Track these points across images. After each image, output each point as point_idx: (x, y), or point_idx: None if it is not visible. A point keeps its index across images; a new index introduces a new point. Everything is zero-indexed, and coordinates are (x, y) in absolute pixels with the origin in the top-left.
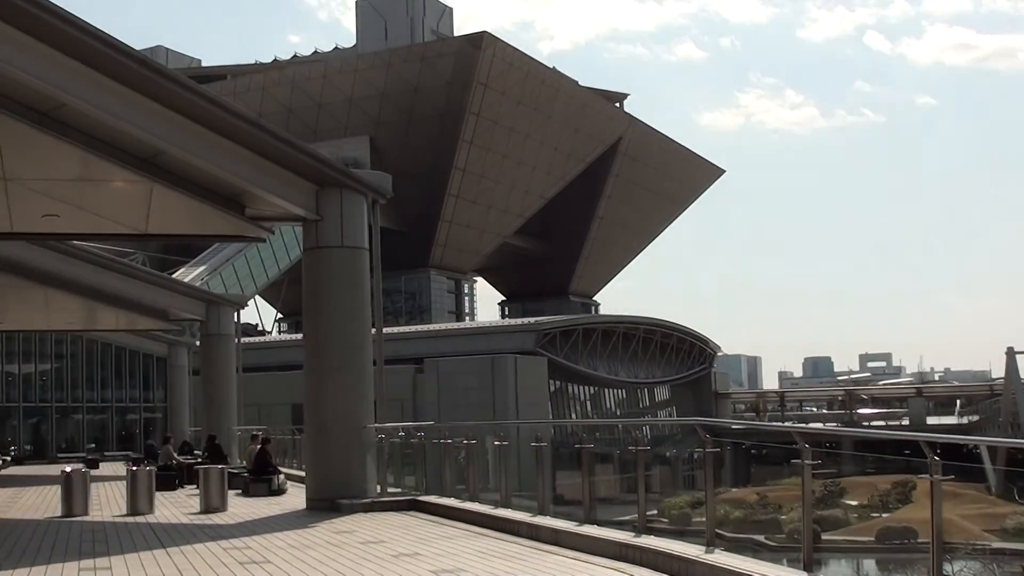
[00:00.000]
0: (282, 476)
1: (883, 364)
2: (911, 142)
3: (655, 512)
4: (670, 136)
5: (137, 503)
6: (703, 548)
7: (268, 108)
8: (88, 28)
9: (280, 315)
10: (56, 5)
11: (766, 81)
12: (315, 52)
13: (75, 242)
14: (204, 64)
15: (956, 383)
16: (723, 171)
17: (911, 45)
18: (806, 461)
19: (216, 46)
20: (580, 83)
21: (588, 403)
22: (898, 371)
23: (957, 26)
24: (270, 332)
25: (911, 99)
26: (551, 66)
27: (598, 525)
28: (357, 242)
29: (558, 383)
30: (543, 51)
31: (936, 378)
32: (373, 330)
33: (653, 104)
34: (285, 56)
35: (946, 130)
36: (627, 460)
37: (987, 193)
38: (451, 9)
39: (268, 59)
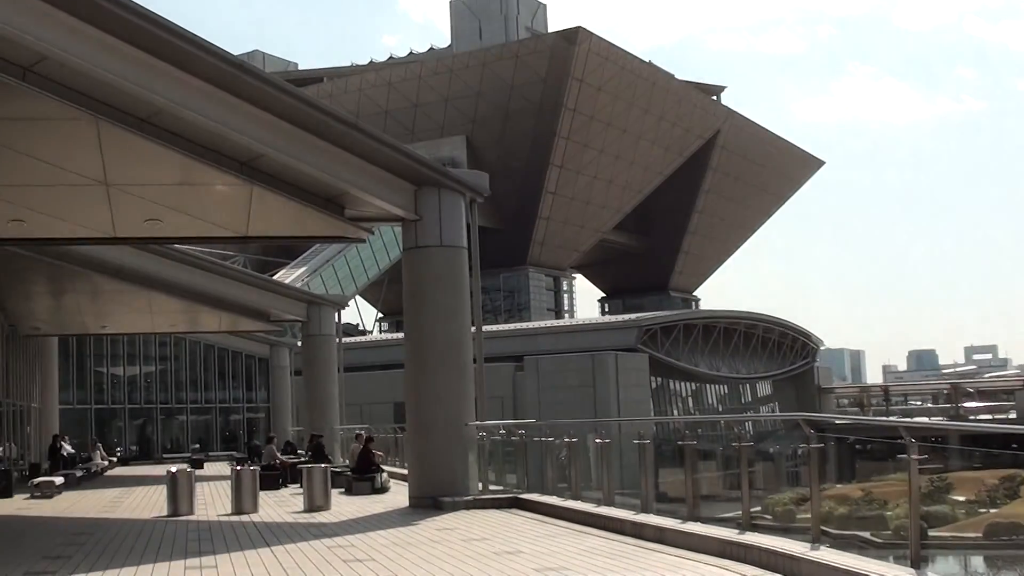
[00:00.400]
0: (385, 474)
1: (989, 356)
2: (1014, 128)
3: (758, 509)
4: (768, 128)
5: (241, 502)
6: (808, 545)
7: (365, 110)
8: (186, 34)
9: (380, 315)
10: (155, 13)
11: (864, 70)
12: (410, 53)
13: (177, 246)
14: (300, 67)
15: None
16: (823, 162)
17: (1013, 29)
18: (913, 456)
19: (312, 49)
20: (676, 76)
21: (690, 399)
22: (1004, 363)
23: None
24: (371, 332)
25: (1013, 84)
26: (647, 60)
27: (701, 522)
28: (456, 241)
29: (659, 380)
30: (639, 45)
31: None
32: (473, 328)
33: (750, 96)
34: (381, 58)
35: None
36: (730, 457)
37: None
38: (545, 6)
39: (364, 61)
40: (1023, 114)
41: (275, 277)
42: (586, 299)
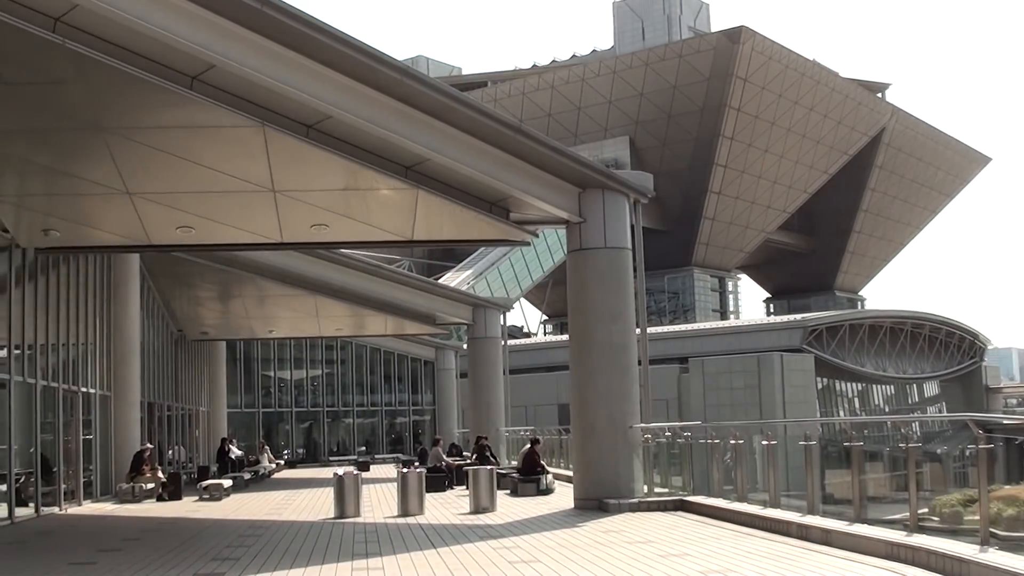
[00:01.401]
0: (550, 476)
1: None
2: None
3: (925, 511)
4: (934, 125)
5: (408, 504)
6: (977, 547)
7: (528, 113)
8: (352, 41)
9: (545, 317)
10: (318, 19)
11: None
12: (573, 56)
13: (343, 250)
14: (464, 72)
15: None
16: (989, 159)
17: None
18: None
19: (476, 54)
20: (840, 74)
21: (856, 400)
22: None
23: None
24: (535, 334)
25: None
26: (811, 58)
27: (868, 524)
28: (620, 242)
29: (825, 380)
30: (803, 43)
31: None
32: (637, 330)
33: (916, 92)
34: (544, 61)
35: None
36: (896, 458)
37: None
38: (708, 5)
39: (527, 65)
40: None
41: (440, 280)
42: (751, 299)
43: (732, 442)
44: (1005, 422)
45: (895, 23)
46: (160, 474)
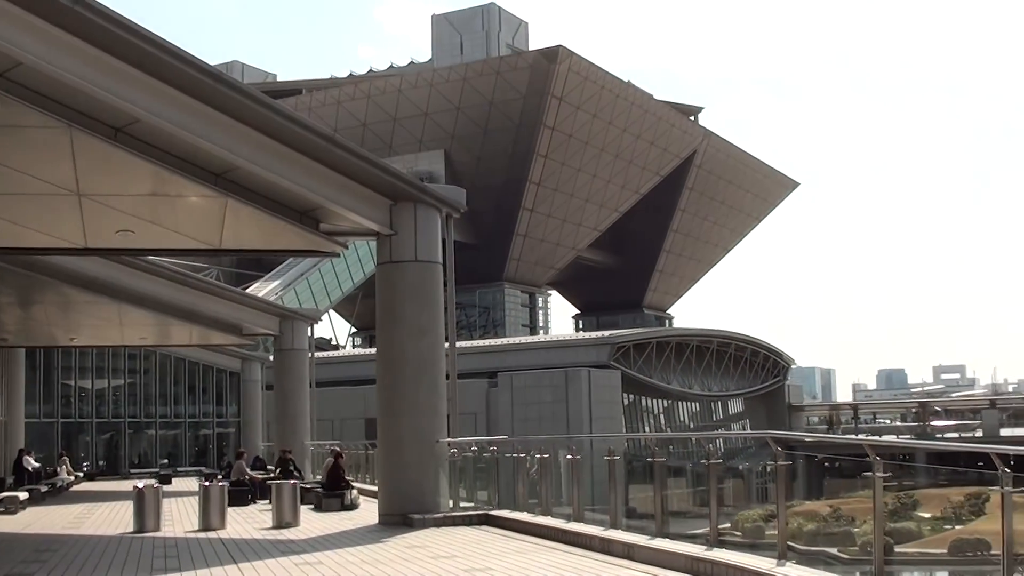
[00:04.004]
0: (355, 491)
1: (957, 376)
2: (986, 152)
3: (728, 525)
4: (744, 148)
5: (209, 519)
6: (775, 561)
7: (343, 122)
8: (163, 43)
9: (354, 329)
10: (131, 21)
11: (837, 91)
12: (390, 66)
13: (149, 257)
14: (279, 79)
15: None
16: (797, 183)
17: (983, 56)
18: (877, 474)
19: (291, 60)
20: (655, 96)
21: (662, 416)
22: (972, 383)
23: None
24: (344, 346)
25: (984, 111)
26: (626, 79)
27: (670, 538)
28: (431, 256)
29: (632, 396)
30: (618, 64)
31: (1010, 389)
32: (446, 344)
33: (727, 116)
34: (361, 70)
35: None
36: (700, 473)
37: None
38: (527, 23)
39: (343, 73)
40: (996, 139)
41: (248, 290)
42: (561, 316)
43: (538, 456)
44: (807, 440)
45: (710, 48)
46: None
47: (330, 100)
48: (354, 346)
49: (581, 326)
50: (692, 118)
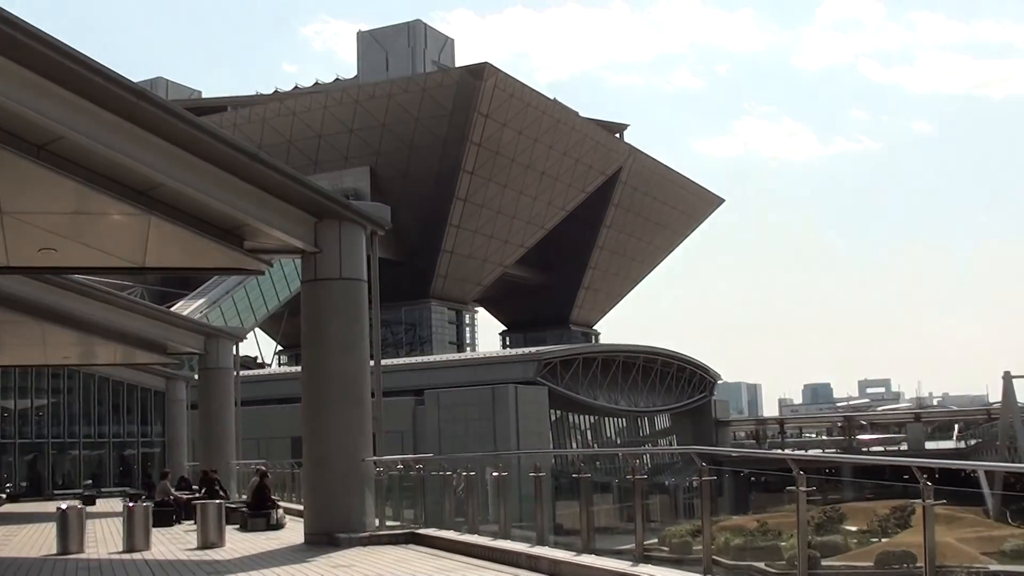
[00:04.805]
0: (280, 510)
1: (882, 390)
2: (908, 168)
3: (655, 541)
4: (670, 165)
5: (134, 540)
6: None
7: (268, 139)
8: (86, 60)
9: (280, 347)
10: (53, 38)
11: (763, 109)
12: (316, 83)
13: (72, 276)
14: (204, 95)
15: (954, 408)
16: (722, 200)
17: (906, 72)
18: (800, 488)
19: (217, 77)
20: (580, 114)
21: (589, 432)
22: (897, 397)
23: (951, 53)
24: (269, 365)
25: (908, 126)
26: (552, 97)
27: (597, 554)
28: (356, 274)
29: (559, 413)
30: (542, 81)
31: (935, 403)
32: (372, 362)
33: (652, 133)
34: (286, 87)
35: (943, 156)
36: (626, 489)
37: (984, 218)
38: (452, 40)
39: (269, 90)
40: (917, 156)
41: (173, 309)
42: (488, 332)
43: (464, 474)
44: (732, 455)
45: (636, 65)
46: None
47: (255, 117)
48: (280, 364)
49: (508, 343)
50: (617, 135)
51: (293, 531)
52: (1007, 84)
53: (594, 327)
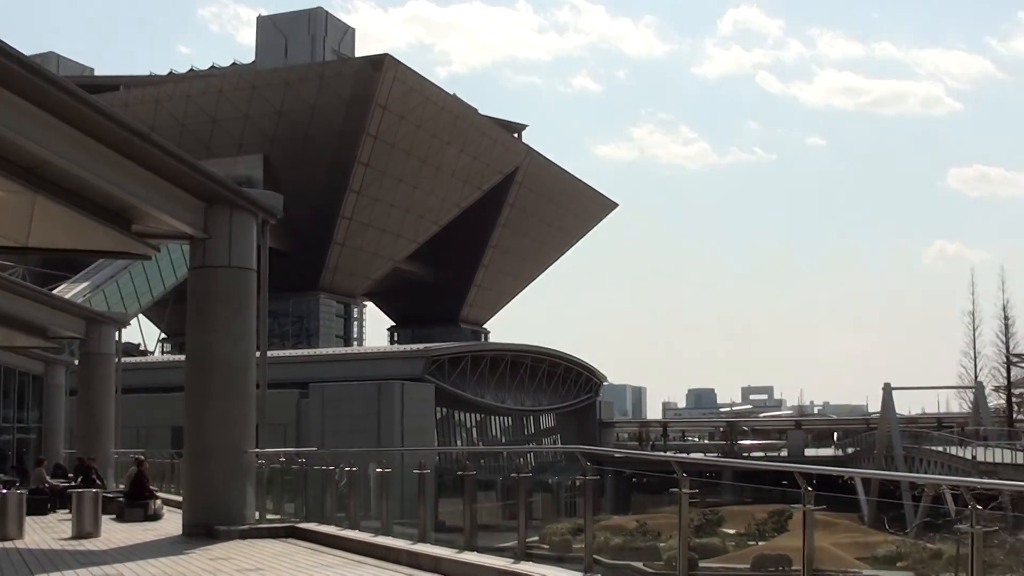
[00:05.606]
0: (159, 501)
1: (765, 397)
2: (799, 181)
3: (536, 539)
4: (566, 168)
5: (6, 528)
6: (581, 574)
7: (161, 121)
8: None
9: (164, 335)
10: None
11: (660, 116)
12: (212, 67)
13: None
14: (97, 73)
15: (834, 417)
16: (616, 204)
17: (802, 88)
18: (683, 490)
19: (110, 55)
20: (480, 111)
21: (474, 430)
22: (779, 404)
23: (847, 71)
24: (153, 352)
25: (801, 139)
26: (452, 92)
27: (479, 552)
28: (245, 262)
29: (445, 410)
30: (441, 75)
31: (815, 411)
32: (258, 353)
33: (550, 134)
34: (182, 69)
35: (833, 171)
36: (510, 487)
37: (868, 234)
38: (353, 30)
39: (164, 71)
40: (808, 169)
41: (55, 291)
42: (376, 327)
43: (347, 469)
44: (616, 455)
45: (534, 64)
46: None
47: (148, 98)
48: (164, 352)
49: (396, 338)
50: (516, 135)
51: (171, 522)
52: (900, 104)
53: (484, 326)
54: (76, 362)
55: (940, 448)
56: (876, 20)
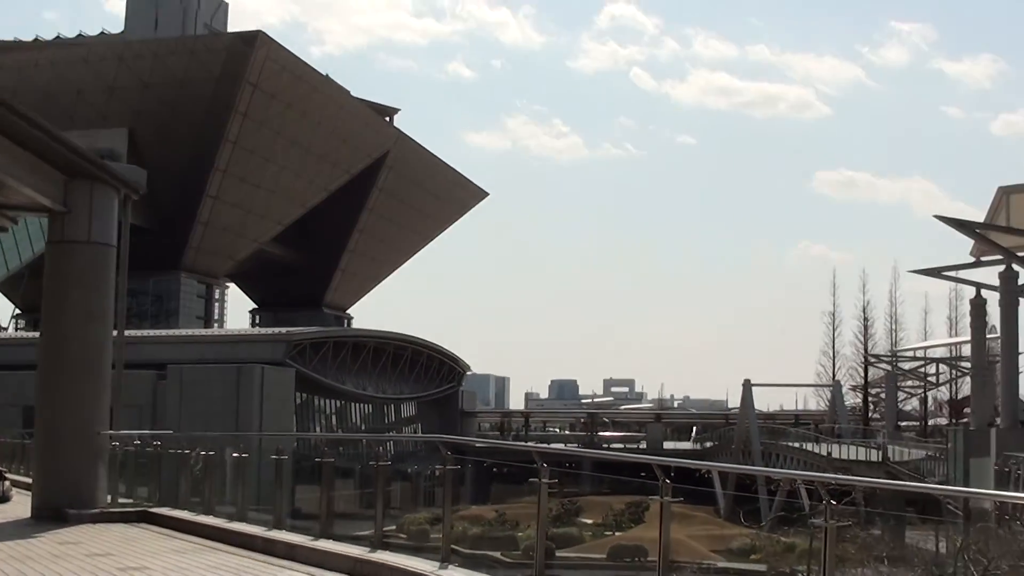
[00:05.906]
0: (7, 483)
1: (626, 390)
2: (667, 178)
3: (394, 528)
4: (438, 155)
5: None
6: (438, 564)
7: (22, 88)
8: None
9: (18, 311)
10: None
11: (534, 107)
12: (79, 35)
13: None
14: None
15: (694, 411)
16: (487, 193)
17: (676, 86)
18: (543, 479)
19: None
20: (352, 93)
21: (334, 417)
22: (640, 397)
23: (721, 71)
24: (6, 328)
25: (672, 137)
26: (324, 73)
27: (335, 540)
28: (105, 238)
29: (305, 395)
30: (314, 54)
31: (675, 405)
32: (115, 332)
33: (422, 120)
34: (48, 36)
35: (702, 169)
36: (368, 475)
37: (732, 233)
38: (227, 4)
39: (29, 37)
40: (679, 167)
41: None
42: (238, 309)
43: (203, 453)
44: (477, 445)
45: (408, 48)
46: None
47: (11, 64)
48: (17, 329)
49: (258, 321)
50: (388, 119)
51: (20, 504)
52: (771, 106)
53: (347, 311)
54: None
55: (797, 444)
56: (752, 24)
